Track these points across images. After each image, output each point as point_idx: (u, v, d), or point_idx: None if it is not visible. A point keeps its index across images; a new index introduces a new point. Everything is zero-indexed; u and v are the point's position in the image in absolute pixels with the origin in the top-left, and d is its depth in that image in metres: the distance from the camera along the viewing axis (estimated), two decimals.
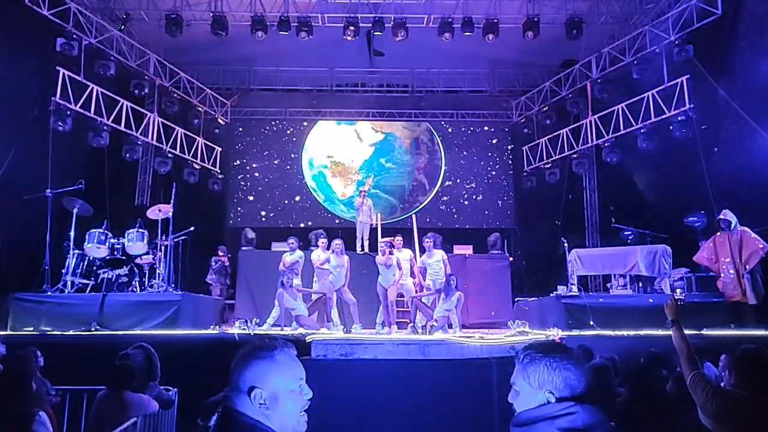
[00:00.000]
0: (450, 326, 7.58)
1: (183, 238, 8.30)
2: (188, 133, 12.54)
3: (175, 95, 12.22)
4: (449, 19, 10.89)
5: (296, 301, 7.66)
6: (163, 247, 8.14)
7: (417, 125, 14.23)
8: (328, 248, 8.46)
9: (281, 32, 10.89)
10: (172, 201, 8.19)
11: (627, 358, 4.82)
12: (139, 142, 11.27)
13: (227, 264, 10.88)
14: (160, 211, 8.28)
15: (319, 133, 14.19)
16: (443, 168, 14.05)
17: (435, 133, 14.17)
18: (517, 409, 1.63)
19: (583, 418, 1.52)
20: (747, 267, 7.24)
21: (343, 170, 14.03)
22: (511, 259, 11.09)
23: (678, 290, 7.86)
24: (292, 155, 14.14)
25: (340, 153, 14.10)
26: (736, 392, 2.70)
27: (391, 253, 8.01)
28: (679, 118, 9.79)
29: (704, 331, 6.44)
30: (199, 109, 12.89)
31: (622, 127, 11.00)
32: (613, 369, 4.41)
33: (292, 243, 8.52)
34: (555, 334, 6.55)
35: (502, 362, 3.40)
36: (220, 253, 11.02)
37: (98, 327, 6.57)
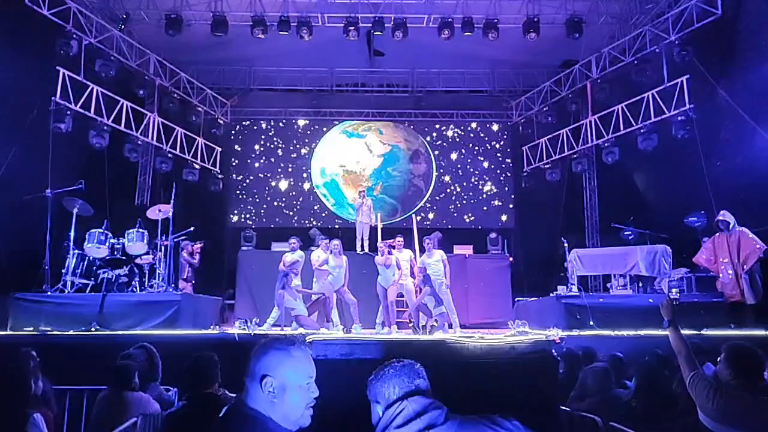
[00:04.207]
0: (450, 326, 7.59)
1: (183, 238, 8.29)
2: (188, 133, 12.54)
3: (175, 95, 12.23)
4: (449, 19, 10.90)
5: (296, 301, 7.66)
6: (163, 247, 8.12)
7: (416, 138, 14.58)
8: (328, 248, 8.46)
9: (281, 32, 10.90)
10: (172, 201, 8.18)
11: (627, 359, 4.82)
12: (139, 142, 11.28)
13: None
14: (160, 211, 8.27)
15: (331, 144, 14.45)
16: (434, 175, 14.32)
17: (427, 146, 14.47)
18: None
19: (414, 408, 1.68)
20: (745, 267, 7.25)
21: (355, 178, 14.27)
22: (510, 259, 11.10)
23: (674, 290, 7.86)
24: (293, 155, 14.18)
25: (352, 163, 14.38)
26: (736, 392, 2.70)
27: (390, 253, 8.01)
28: (679, 118, 9.78)
29: (704, 331, 6.43)
30: (199, 109, 12.88)
31: (622, 127, 11.00)
32: (619, 368, 4.40)
33: (294, 243, 8.50)
34: (555, 334, 6.55)
35: (501, 362, 3.40)
36: (196, 247, 9.81)
37: (98, 327, 6.57)
